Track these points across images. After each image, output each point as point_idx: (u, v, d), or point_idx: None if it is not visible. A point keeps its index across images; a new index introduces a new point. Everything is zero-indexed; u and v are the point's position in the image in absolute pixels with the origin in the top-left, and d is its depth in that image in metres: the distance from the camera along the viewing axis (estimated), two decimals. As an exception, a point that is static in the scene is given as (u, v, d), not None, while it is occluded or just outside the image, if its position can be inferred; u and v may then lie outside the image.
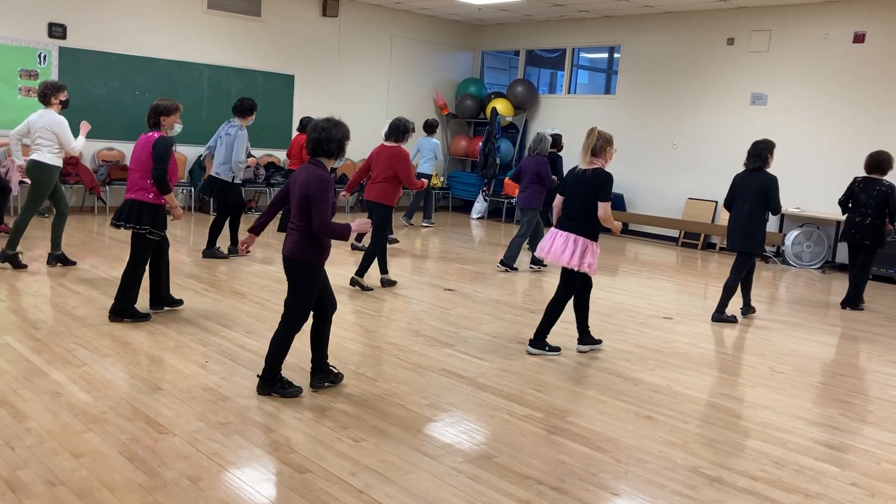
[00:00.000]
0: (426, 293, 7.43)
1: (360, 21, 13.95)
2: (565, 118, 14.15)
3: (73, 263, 7.47)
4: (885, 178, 7.92)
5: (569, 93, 14.82)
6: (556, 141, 11.15)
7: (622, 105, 13.48)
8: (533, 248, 9.07)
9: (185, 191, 12.23)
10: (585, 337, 5.78)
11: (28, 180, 8.85)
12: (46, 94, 7.10)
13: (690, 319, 7.11)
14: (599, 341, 5.86)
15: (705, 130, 12.32)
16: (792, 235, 10.94)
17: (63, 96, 7.17)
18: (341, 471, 3.46)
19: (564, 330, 6.09)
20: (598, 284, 8.43)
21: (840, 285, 9.57)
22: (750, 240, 6.94)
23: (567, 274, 5.50)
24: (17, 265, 7.18)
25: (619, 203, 13.32)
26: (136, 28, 11.54)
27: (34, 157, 7.17)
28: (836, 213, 10.65)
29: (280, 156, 12.75)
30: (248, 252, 4.46)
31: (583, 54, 15.54)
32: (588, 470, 3.66)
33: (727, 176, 11.96)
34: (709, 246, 12.32)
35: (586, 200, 5.37)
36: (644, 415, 4.48)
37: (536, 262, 9.09)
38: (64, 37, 10.97)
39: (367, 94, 14.19)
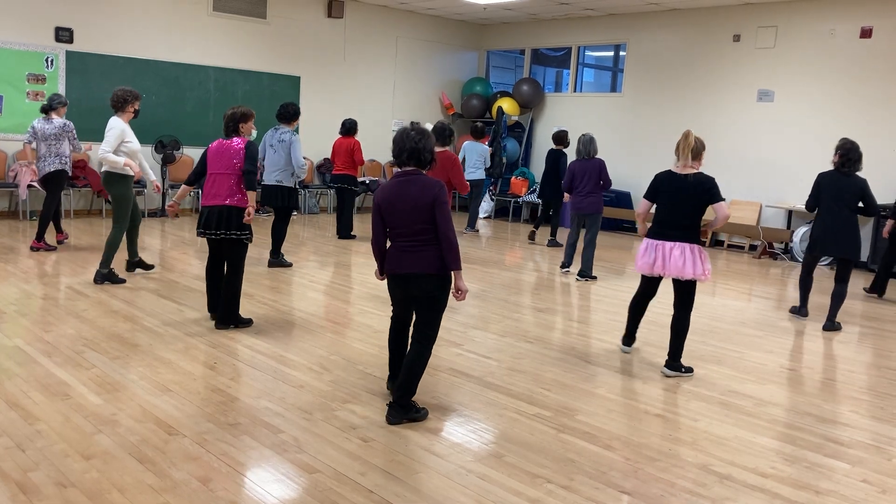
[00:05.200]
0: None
1: (365, 22, 13.97)
2: (571, 117, 14.12)
3: (151, 267, 7.55)
4: None
5: (575, 91, 14.80)
6: (562, 138, 11.13)
7: (628, 103, 13.45)
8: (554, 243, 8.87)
9: (191, 192, 12.25)
10: (676, 361, 5.29)
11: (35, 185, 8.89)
12: (126, 100, 6.98)
13: (699, 317, 7.08)
14: (690, 370, 5.32)
15: (712, 128, 12.27)
16: (800, 232, 10.89)
17: (137, 105, 7.09)
18: (350, 471, 3.46)
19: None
20: (606, 283, 8.43)
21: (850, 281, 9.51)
22: (852, 246, 6.82)
23: (683, 286, 5.17)
24: (116, 280, 7.03)
25: (626, 201, 13.30)
26: (142, 31, 11.58)
27: (106, 168, 7.04)
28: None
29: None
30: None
31: (588, 52, 15.52)
32: (598, 468, 3.65)
33: (734, 173, 12.00)
34: (716, 243, 12.29)
35: (694, 206, 5.11)
36: (653, 413, 4.47)
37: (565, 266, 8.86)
38: (71, 41, 11.01)
39: (372, 95, 14.20)
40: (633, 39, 13.39)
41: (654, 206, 5.33)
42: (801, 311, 7.29)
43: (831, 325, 6.91)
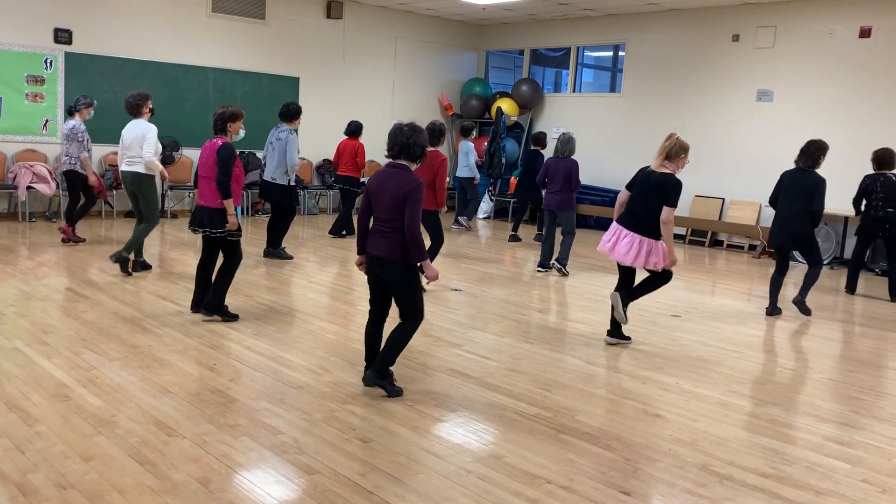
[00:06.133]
0: (433, 293, 7.42)
1: (364, 23, 13.96)
2: (570, 117, 14.13)
3: (150, 267, 7.68)
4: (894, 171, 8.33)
5: (574, 91, 14.80)
6: (541, 139, 11.23)
7: (627, 103, 13.45)
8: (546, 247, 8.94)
9: (191, 194, 12.26)
10: (618, 331, 5.89)
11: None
12: (139, 105, 7.31)
13: (698, 317, 7.09)
14: (629, 338, 5.94)
15: (711, 128, 12.28)
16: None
17: (150, 104, 7.43)
18: (350, 472, 3.46)
19: (587, 326, 6.05)
20: (606, 283, 8.43)
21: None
22: (802, 232, 7.05)
23: (626, 270, 5.70)
24: (126, 270, 7.33)
25: (625, 201, 13.29)
26: (141, 32, 11.58)
27: (134, 169, 7.33)
28: (844, 210, 10.60)
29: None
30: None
31: (587, 53, 15.52)
32: (597, 469, 3.65)
33: (733, 173, 12.01)
34: (716, 243, 12.29)
35: (653, 202, 5.47)
36: (653, 413, 4.47)
37: (545, 266, 8.96)
38: (70, 42, 11.00)
39: (371, 96, 14.20)
40: (632, 39, 13.38)
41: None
42: (770, 310, 7.29)
43: (801, 301, 7.13)
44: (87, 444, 3.60)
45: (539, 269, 8.91)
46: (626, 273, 5.77)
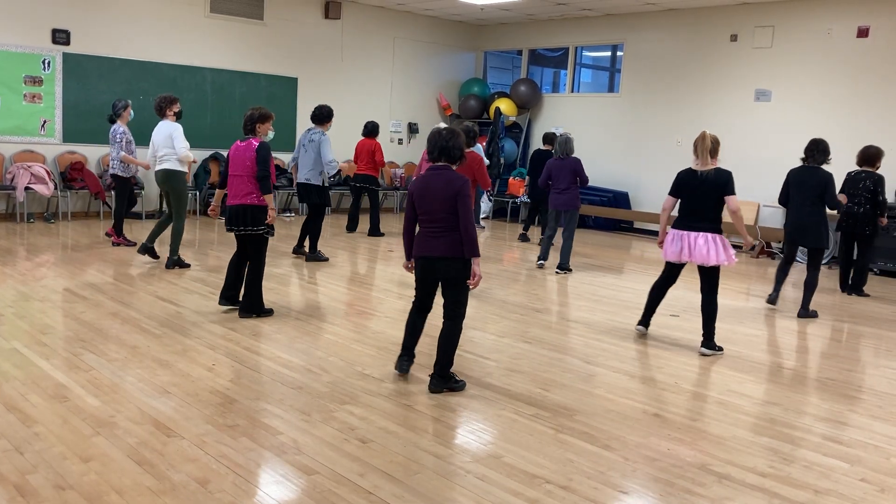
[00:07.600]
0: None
1: (362, 23, 13.97)
2: (569, 117, 14.14)
3: (158, 257, 8.01)
4: (876, 170, 8.38)
5: (572, 91, 14.80)
6: (551, 138, 11.28)
7: (626, 103, 13.46)
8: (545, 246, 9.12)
9: (191, 194, 12.25)
10: (710, 341, 5.85)
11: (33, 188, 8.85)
12: (162, 107, 7.74)
13: (697, 317, 7.08)
14: (721, 348, 5.90)
15: (709, 127, 12.04)
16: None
17: (177, 108, 7.82)
18: (349, 472, 3.46)
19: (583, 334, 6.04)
20: (604, 282, 8.44)
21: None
22: (817, 236, 7.22)
23: (707, 271, 5.73)
24: (183, 265, 7.88)
25: (624, 201, 13.31)
26: (139, 33, 11.58)
27: (164, 167, 7.71)
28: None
29: (285, 158, 12.75)
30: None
31: (586, 53, 15.53)
32: (596, 468, 3.65)
33: (732, 173, 11.97)
34: (714, 243, 12.28)
35: (715, 199, 5.63)
36: (652, 412, 4.47)
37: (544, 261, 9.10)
38: (68, 43, 11.00)
39: (370, 96, 14.20)
40: (630, 39, 13.39)
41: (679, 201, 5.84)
42: (770, 296, 7.56)
43: (805, 313, 7.26)
44: (86, 444, 3.59)
45: (540, 262, 9.14)
46: (672, 271, 5.95)
